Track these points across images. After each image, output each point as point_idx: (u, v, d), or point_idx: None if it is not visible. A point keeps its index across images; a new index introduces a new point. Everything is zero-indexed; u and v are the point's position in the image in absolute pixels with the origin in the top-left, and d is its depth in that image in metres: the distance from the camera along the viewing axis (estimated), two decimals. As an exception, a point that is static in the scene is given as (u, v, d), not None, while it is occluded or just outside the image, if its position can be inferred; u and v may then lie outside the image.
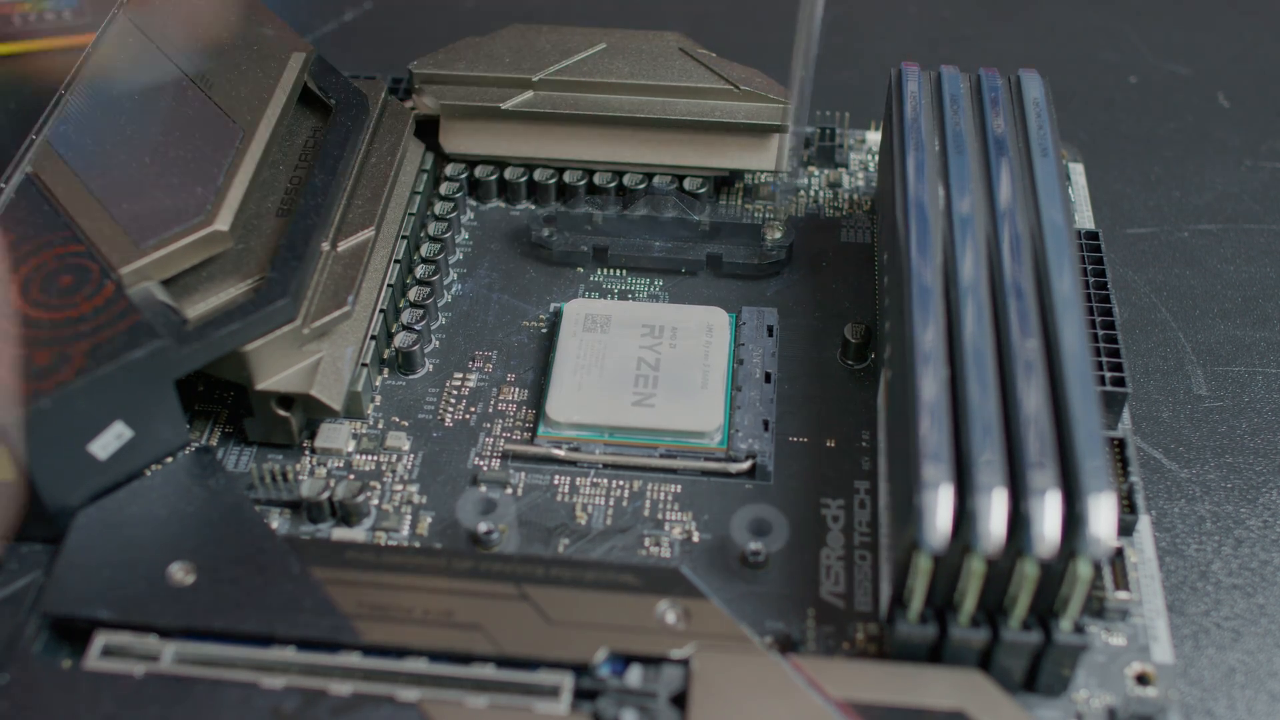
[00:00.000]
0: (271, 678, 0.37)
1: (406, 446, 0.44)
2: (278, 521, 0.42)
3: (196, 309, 0.42)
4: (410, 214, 0.49)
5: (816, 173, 0.55)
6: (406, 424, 0.45)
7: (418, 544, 0.42)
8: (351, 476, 0.43)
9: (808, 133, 0.56)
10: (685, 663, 0.37)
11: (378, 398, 0.46)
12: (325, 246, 0.45)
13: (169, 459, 0.42)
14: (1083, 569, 0.34)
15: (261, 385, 0.42)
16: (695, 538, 0.42)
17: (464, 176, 0.53)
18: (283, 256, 0.43)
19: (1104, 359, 0.43)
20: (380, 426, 0.45)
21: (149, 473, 0.42)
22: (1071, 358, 0.37)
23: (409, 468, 0.44)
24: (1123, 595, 0.39)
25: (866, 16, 0.70)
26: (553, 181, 0.53)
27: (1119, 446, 0.42)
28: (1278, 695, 0.39)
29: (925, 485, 0.35)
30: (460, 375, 0.47)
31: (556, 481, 0.43)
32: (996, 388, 0.37)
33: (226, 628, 0.37)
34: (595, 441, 0.44)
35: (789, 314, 0.49)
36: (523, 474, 0.44)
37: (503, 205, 0.54)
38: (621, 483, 0.43)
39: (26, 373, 0.38)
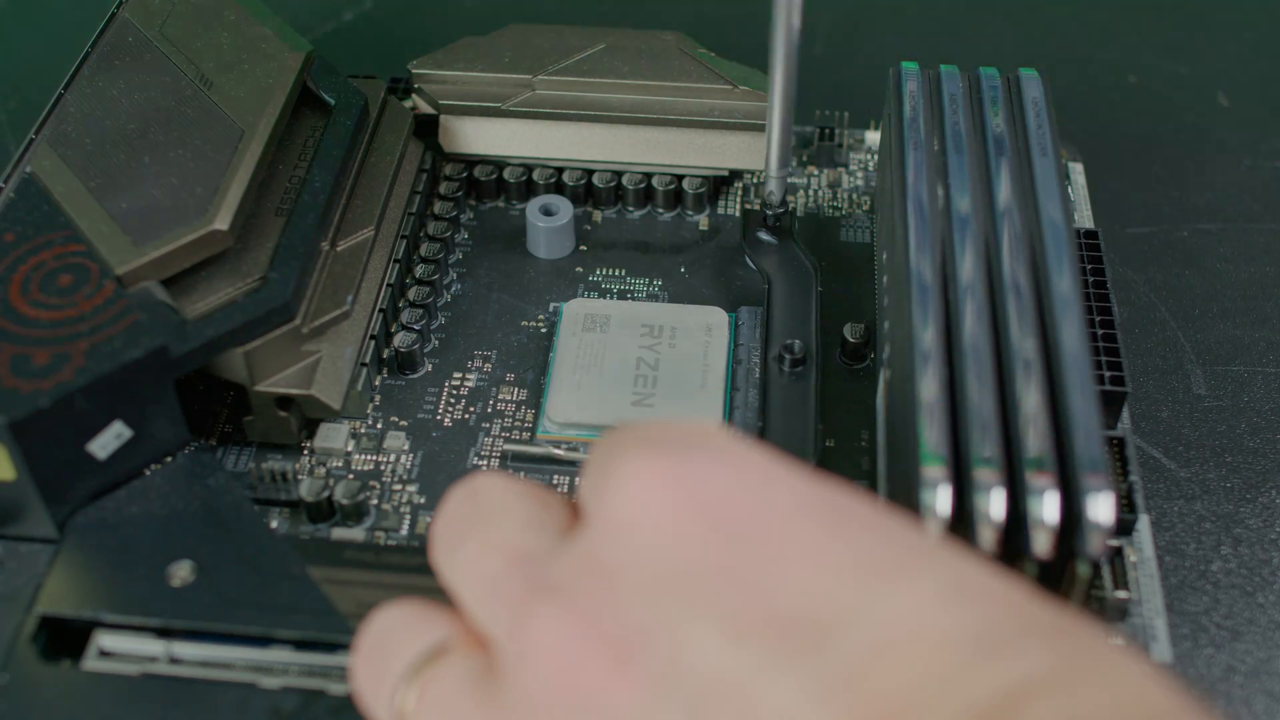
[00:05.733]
0: (270, 678, 0.37)
1: (406, 446, 0.44)
2: (278, 521, 0.42)
3: (196, 309, 0.42)
4: (410, 214, 0.49)
5: (816, 173, 0.55)
6: (406, 424, 0.45)
7: (417, 544, 0.42)
8: (351, 476, 0.43)
9: (808, 132, 0.56)
10: (685, 662, 0.37)
11: (377, 398, 0.46)
12: (325, 246, 0.45)
13: (169, 459, 0.42)
14: (1081, 568, 0.34)
15: (261, 385, 0.42)
16: (695, 537, 0.42)
17: (464, 176, 0.53)
18: (283, 256, 0.43)
19: (1103, 358, 0.43)
20: (379, 426, 0.45)
21: (149, 472, 0.42)
22: (1071, 357, 0.37)
23: (408, 468, 0.44)
24: (1122, 594, 0.39)
25: (866, 16, 0.70)
26: (552, 181, 0.53)
27: (1119, 446, 0.42)
28: (1277, 695, 0.39)
29: (925, 485, 0.35)
30: (460, 375, 0.47)
31: (556, 481, 0.43)
32: (996, 387, 0.37)
33: (226, 628, 0.37)
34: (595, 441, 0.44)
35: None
36: (522, 474, 0.43)
37: (502, 205, 0.54)
38: (621, 482, 0.43)
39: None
